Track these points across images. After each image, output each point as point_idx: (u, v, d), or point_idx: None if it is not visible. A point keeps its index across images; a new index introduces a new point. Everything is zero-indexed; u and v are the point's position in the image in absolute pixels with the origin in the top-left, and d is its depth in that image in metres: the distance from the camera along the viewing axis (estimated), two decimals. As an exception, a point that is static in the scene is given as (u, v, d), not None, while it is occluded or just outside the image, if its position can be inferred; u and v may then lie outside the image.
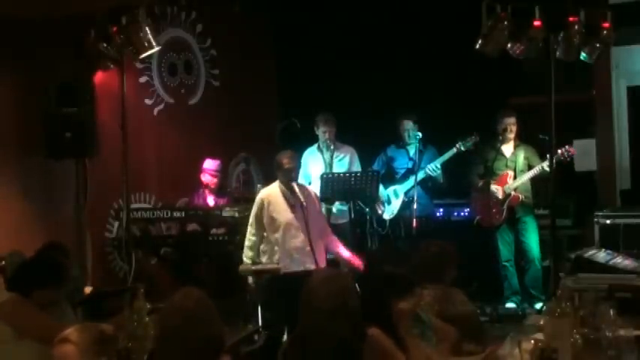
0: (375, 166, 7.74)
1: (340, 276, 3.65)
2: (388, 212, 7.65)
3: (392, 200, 7.66)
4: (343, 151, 7.53)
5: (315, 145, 7.59)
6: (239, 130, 8.68)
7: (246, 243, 6.20)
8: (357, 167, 7.50)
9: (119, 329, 3.45)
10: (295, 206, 6.08)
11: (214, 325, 3.10)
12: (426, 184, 7.55)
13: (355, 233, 7.36)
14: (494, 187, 7.41)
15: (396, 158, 7.80)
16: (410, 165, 7.67)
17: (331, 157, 7.45)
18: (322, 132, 7.48)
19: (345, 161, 7.49)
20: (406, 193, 7.61)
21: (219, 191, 7.55)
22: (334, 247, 6.32)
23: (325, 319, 3.25)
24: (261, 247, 6.18)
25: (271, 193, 6.19)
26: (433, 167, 7.48)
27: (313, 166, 7.46)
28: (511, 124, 7.47)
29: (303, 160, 7.55)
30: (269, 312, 6.03)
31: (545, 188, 7.17)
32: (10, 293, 4.30)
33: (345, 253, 6.29)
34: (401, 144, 7.77)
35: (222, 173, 7.71)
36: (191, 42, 8.37)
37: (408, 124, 7.65)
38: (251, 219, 6.21)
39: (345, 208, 7.23)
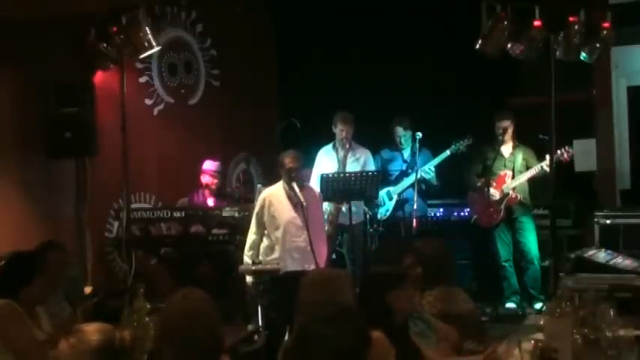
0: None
1: (337, 277, 3.56)
2: (382, 213, 7.66)
3: (385, 201, 7.67)
4: (359, 152, 7.48)
5: (332, 144, 7.56)
6: (239, 130, 8.68)
7: (247, 241, 6.21)
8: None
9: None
10: (297, 206, 6.09)
11: (215, 326, 3.07)
12: (420, 186, 7.54)
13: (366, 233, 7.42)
14: (492, 191, 7.40)
15: (391, 161, 7.82)
16: (404, 167, 7.71)
17: (345, 156, 7.41)
18: (339, 130, 7.41)
19: (359, 162, 7.43)
20: (400, 195, 7.64)
21: (219, 193, 7.52)
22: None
23: (324, 324, 3.19)
24: (262, 246, 6.18)
25: (274, 192, 6.20)
26: (427, 169, 7.49)
27: (327, 165, 7.42)
28: (502, 127, 7.46)
29: (317, 159, 7.56)
30: (270, 312, 6.02)
31: (545, 188, 7.17)
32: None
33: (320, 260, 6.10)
34: (394, 147, 7.80)
35: (222, 174, 7.68)
36: (191, 42, 8.36)
37: (400, 131, 7.67)
38: (253, 217, 6.22)
39: (359, 209, 7.25)
